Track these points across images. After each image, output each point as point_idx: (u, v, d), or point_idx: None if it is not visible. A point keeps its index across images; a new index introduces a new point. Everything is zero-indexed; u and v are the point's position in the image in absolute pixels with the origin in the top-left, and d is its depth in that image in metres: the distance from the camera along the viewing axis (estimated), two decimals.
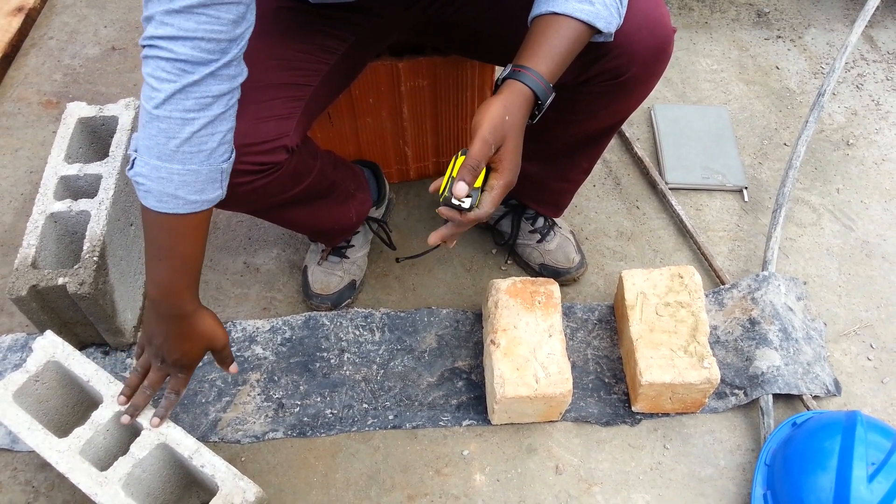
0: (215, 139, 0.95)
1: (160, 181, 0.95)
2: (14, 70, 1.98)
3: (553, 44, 0.97)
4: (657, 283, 1.39)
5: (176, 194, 0.96)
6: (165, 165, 0.94)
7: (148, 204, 0.97)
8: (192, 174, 0.95)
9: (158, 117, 0.92)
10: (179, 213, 0.97)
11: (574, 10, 0.96)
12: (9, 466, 1.33)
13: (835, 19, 2.10)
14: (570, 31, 0.97)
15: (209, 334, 1.11)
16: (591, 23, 0.97)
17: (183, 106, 0.91)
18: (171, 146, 0.93)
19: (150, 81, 0.91)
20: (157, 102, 0.91)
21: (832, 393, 1.39)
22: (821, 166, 1.77)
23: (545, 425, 1.37)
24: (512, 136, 0.96)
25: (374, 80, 1.44)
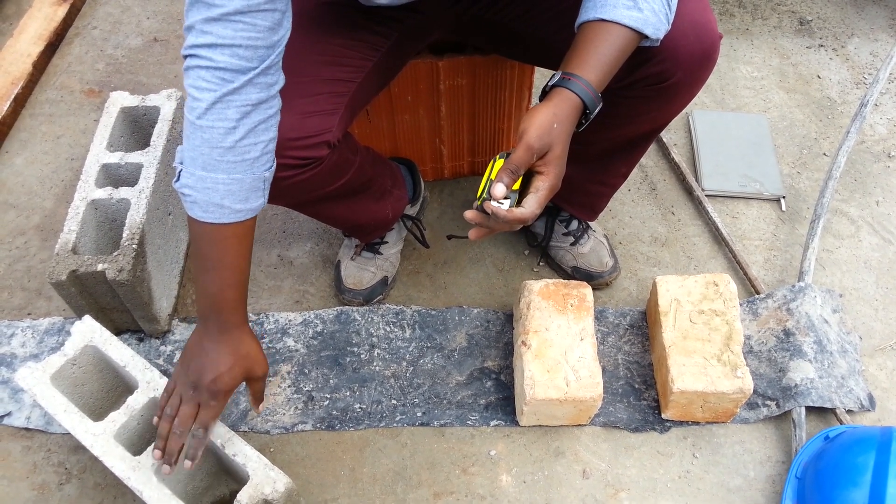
0: (258, 148, 0.96)
1: (206, 191, 0.96)
2: (58, 58, 2.02)
3: (602, 51, 0.96)
4: (692, 291, 1.38)
5: (222, 204, 0.97)
6: (210, 175, 0.95)
7: (194, 215, 0.98)
8: (237, 183, 0.97)
9: (201, 127, 0.93)
10: (225, 223, 0.98)
11: (623, 17, 0.95)
12: (43, 447, 1.35)
13: (879, 29, 2.07)
14: (618, 39, 0.96)
15: (252, 358, 1.08)
16: (639, 29, 0.96)
17: (224, 115, 0.92)
18: (214, 156, 0.94)
19: (192, 92, 0.92)
20: (199, 113, 0.92)
21: (866, 408, 1.37)
22: (860, 178, 1.74)
23: (573, 429, 1.37)
24: (559, 143, 0.96)
25: (413, 77, 1.44)
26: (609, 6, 0.96)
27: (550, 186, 0.98)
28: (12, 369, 1.43)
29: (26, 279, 1.57)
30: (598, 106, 0.98)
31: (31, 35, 2.00)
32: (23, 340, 1.47)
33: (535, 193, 0.97)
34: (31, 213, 1.69)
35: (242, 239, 1.02)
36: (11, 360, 1.44)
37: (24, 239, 1.64)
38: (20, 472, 1.33)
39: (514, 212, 0.96)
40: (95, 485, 1.31)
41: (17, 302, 1.54)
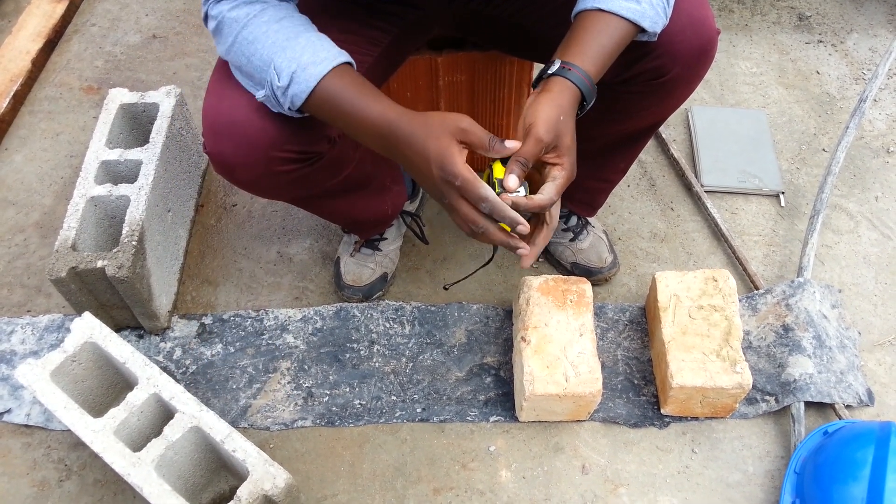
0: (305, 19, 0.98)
1: (303, 53, 0.93)
2: (57, 55, 2.02)
3: (599, 42, 0.96)
4: (691, 286, 1.38)
5: (321, 47, 0.95)
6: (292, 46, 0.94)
7: (312, 82, 0.93)
8: (316, 35, 0.97)
9: (245, 39, 0.95)
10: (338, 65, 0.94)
11: (621, 9, 0.95)
12: (43, 444, 1.35)
13: (878, 24, 2.07)
14: (616, 30, 0.97)
15: (439, 118, 0.92)
16: (637, 22, 0.96)
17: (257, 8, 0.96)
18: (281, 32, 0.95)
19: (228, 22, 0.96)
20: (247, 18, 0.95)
21: (865, 403, 1.38)
22: (860, 173, 1.74)
23: (573, 424, 1.37)
24: (567, 133, 0.95)
25: (412, 73, 1.44)
26: None
27: (567, 175, 0.96)
28: (12, 366, 1.43)
29: (26, 276, 1.58)
30: (593, 98, 0.98)
31: (30, 32, 2.00)
32: (22, 337, 1.47)
33: (553, 181, 0.95)
34: (31, 210, 1.69)
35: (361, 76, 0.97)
36: (11, 357, 1.44)
37: (23, 236, 1.64)
38: (20, 469, 1.33)
39: (533, 199, 0.94)
40: (95, 481, 1.31)
41: (16, 299, 1.54)
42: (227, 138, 1.03)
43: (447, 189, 0.93)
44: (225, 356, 1.45)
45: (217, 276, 1.58)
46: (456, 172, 0.90)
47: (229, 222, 1.67)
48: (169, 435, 1.14)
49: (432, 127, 0.92)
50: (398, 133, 0.93)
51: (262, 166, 1.05)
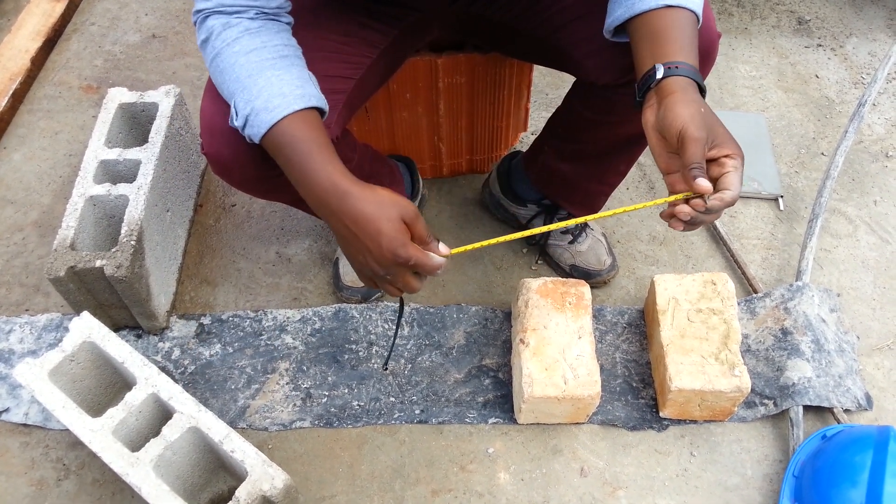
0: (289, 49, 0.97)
1: (261, 92, 0.92)
2: (56, 54, 2.01)
3: (685, 34, 0.96)
4: (689, 289, 1.38)
5: (283, 92, 0.92)
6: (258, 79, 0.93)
7: (262, 127, 0.92)
8: (286, 71, 0.95)
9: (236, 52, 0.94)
10: (295, 111, 0.92)
11: (687, 2, 0.96)
12: (41, 444, 1.35)
13: (877, 29, 2.08)
14: (690, 22, 0.97)
15: (395, 202, 0.93)
16: (697, 13, 0.97)
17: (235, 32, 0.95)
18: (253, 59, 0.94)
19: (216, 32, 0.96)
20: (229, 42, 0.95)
21: (863, 407, 1.38)
22: (858, 177, 1.75)
23: (571, 427, 1.37)
24: (716, 122, 0.94)
25: (412, 75, 1.44)
26: None
27: (741, 160, 0.94)
28: (10, 365, 1.43)
29: (24, 275, 1.57)
30: (705, 85, 0.97)
31: (29, 31, 1.99)
32: (21, 337, 1.47)
33: (734, 171, 0.93)
34: (29, 209, 1.68)
35: (320, 128, 0.95)
36: (9, 357, 1.44)
37: (21, 235, 1.64)
38: (18, 469, 1.32)
39: (724, 197, 0.92)
40: (94, 481, 1.31)
41: (14, 298, 1.54)
42: (223, 139, 1.03)
43: (394, 267, 0.93)
44: (223, 356, 1.45)
45: (216, 276, 1.58)
46: (410, 254, 0.91)
47: (228, 222, 1.67)
48: (167, 435, 1.14)
49: (384, 206, 0.92)
50: (347, 206, 0.92)
51: (258, 168, 1.05)
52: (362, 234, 0.92)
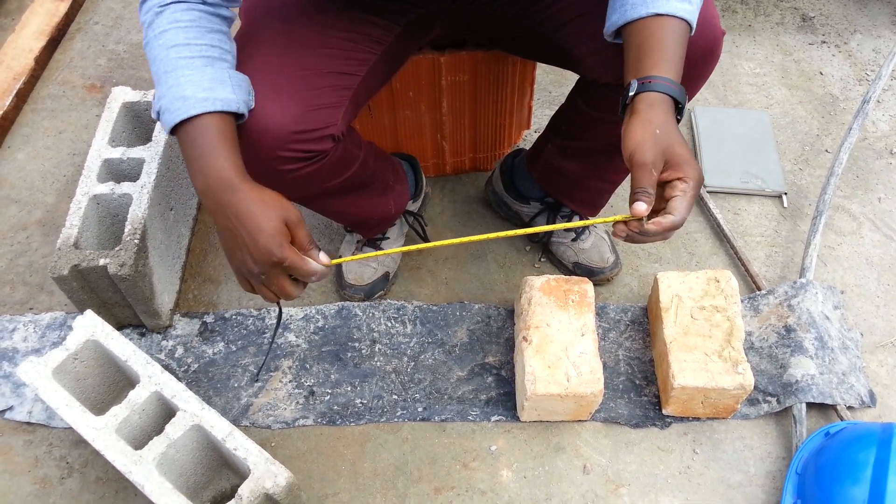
0: (216, 51, 0.97)
1: (170, 90, 0.93)
2: (60, 53, 2.02)
3: (669, 45, 0.95)
4: (693, 287, 1.38)
5: (184, 95, 0.92)
6: (173, 75, 0.93)
7: (167, 125, 0.94)
8: (197, 72, 0.94)
9: (164, 32, 0.95)
10: (197, 115, 0.92)
11: (678, 10, 0.95)
12: (44, 442, 1.36)
13: (882, 26, 2.07)
14: (679, 31, 0.96)
15: (279, 205, 0.94)
16: (690, 21, 0.96)
17: (176, 17, 0.95)
18: (172, 55, 0.94)
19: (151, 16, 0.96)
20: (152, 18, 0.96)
21: (867, 404, 1.37)
22: (863, 174, 1.74)
23: (574, 424, 1.37)
24: (674, 143, 0.93)
25: (414, 73, 1.44)
26: (662, 1, 0.95)
27: (694, 184, 0.93)
28: (14, 364, 1.43)
29: (28, 274, 1.58)
30: (686, 98, 0.96)
31: (33, 30, 2.00)
32: (25, 335, 1.47)
33: (682, 195, 0.92)
34: (33, 208, 1.69)
35: (228, 135, 0.95)
36: (13, 355, 1.45)
37: (25, 234, 1.64)
38: (22, 467, 1.33)
39: (661, 222, 0.93)
40: (97, 479, 1.31)
41: (18, 297, 1.54)
42: None
43: (269, 266, 0.94)
44: (227, 354, 1.45)
45: (219, 274, 1.58)
46: (286, 255, 0.93)
47: None
48: (170, 433, 1.14)
49: (269, 206, 0.93)
50: (233, 200, 0.92)
51: (266, 165, 1.05)
52: (243, 228, 0.92)
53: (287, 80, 1.04)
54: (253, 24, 1.12)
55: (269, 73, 1.04)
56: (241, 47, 1.10)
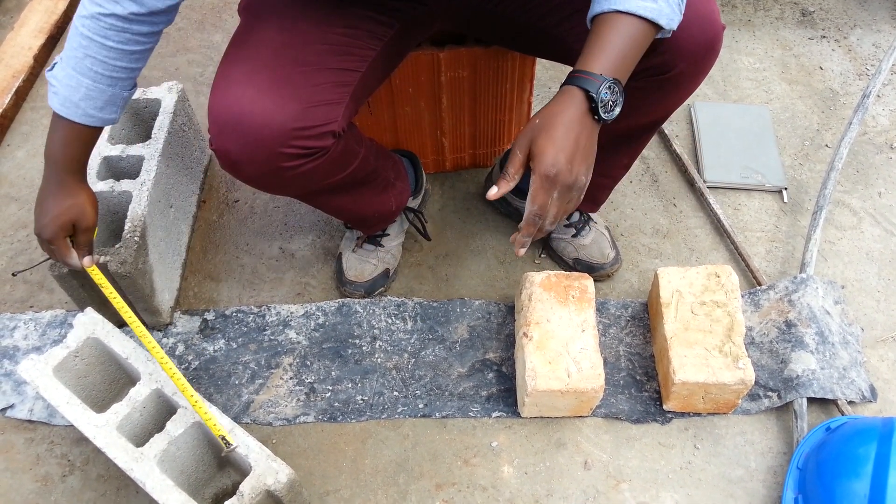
0: (125, 72, 1.07)
1: (69, 88, 1.05)
2: (59, 52, 2.01)
3: (613, 42, 0.94)
4: (693, 282, 1.38)
5: (78, 104, 1.06)
6: (77, 77, 1.04)
7: (53, 105, 1.07)
8: (98, 91, 1.06)
9: (84, 35, 1.02)
10: (76, 122, 1.08)
11: (637, 8, 0.93)
12: (46, 439, 1.36)
13: (881, 20, 2.07)
14: (631, 28, 0.94)
15: (79, 208, 1.14)
16: (654, 20, 0.94)
17: (106, 34, 1.02)
18: (87, 63, 1.04)
19: (84, 1, 1.01)
20: (85, 21, 1.01)
21: (868, 399, 1.37)
22: (863, 169, 1.74)
23: (575, 420, 1.37)
24: (544, 131, 0.94)
25: (414, 69, 1.44)
26: None
27: (538, 177, 0.94)
28: (15, 362, 1.43)
29: (28, 272, 1.58)
30: (612, 95, 0.95)
31: (32, 28, 2.00)
32: (25, 333, 1.47)
33: (531, 186, 0.96)
34: (33, 206, 1.68)
35: (89, 137, 1.12)
36: (14, 353, 1.45)
37: (25, 232, 1.64)
38: (23, 464, 1.33)
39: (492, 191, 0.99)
40: (98, 476, 1.32)
41: (19, 295, 1.54)
42: (233, 135, 1.03)
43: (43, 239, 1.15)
44: (227, 352, 1.45)
45: (219, 271, 1.58)
46: (53, 240, 1.15)
47: (231, 218, 1.67)
48: (171, 430, 1.15)
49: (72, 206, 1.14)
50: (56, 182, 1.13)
51: (268, 162, 1.05)
52: (45, 203, 1.13)
53: (287, 76, 1.04)
54: (251, 20, 1.12)
55: (269, 71, 1.04)
56: (241, 44, 1.10)
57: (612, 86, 0.94)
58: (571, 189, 0.96)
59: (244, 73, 1.04)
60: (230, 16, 2.10)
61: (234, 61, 1.07)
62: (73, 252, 1.17)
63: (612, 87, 0.94)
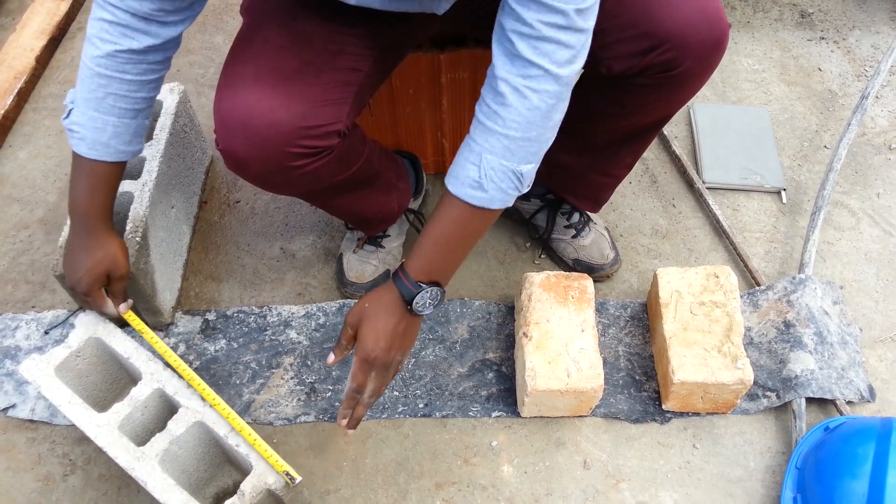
0: (146, 101, 1.10)
1: (96, 130, 1.08)
2: (61, 53, 2.02)
3: (440, 231, 1.03)
4: (692, 282, 1.38)
5: (108, 143, 1.09)
6: (102, 117, 1.07)
7: (80, 151, 1.09)
8: (125, 126, 1.09)
9: (100, 74, 1.04)
10: (107, 161, 1.11)
11: (467, 196, 0.99)
12: (47, 439, 1.36)
13: (880, 21, 2.07)
14: (466, 214, 1.01)
15: (112, 258, 1.16)
16: (484, 207, 1.00)
17: (124, 68, 1.04)
18: (109, 101, 1.06)
19: (94, 40, 1.02)
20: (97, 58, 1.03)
21: (866, 399, 1.38)
22: (861, 170, 1.75)
23: (574, 420, 1.37)
24: (366, 319, 1.05)
25: (414, 70, 1.44)
26: (458, 180, 0.99)
27: (357, 359, 1.06)
28: (17, 361, 1.44)
29: (30, 272, 1.58)
30: (423, 295, 1.04)
31: (34, 29, 2.00)
32: (27, 333, 1.48)
33: (352, 366, 1.07)
34: (35, 207, 1.69)
35: (117, 175, 1.15)
36: (16, 353, 1.45)
37: (27, 232, 1.65)
38: (25, 464, 1.34)
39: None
40: (100, 475, 1.32)
41: (21, 295, 1.55)
42: (240, 135, 1.04)
43: (78, 292, 1.17)
44: (228, 352, 1.46)
45: (220, 272, 1.59)
46: (89, 293, 1.17)
47: (232, 219, 1.68)
48: (173, 430, 1.15)
49: (104, 258, 1.16)
50: (86, 234, 1.15)
51: (274, 162, 1.05)
52: (78, 255, 1.15)
53: (292, 76, 1.04)
54: (254, 21, 1.13)
55: (274, 71, 1.04)
56: (244, 45, 1.10)
57: (430, 292, 1.04)
58: (388, 369, 1.07)
59: (249, 72, 1.05)
60: (231, 17, 2.11)
61: (239, 61, 1.08)
62: (108, 301, 1.20)
63: (430, 293, 1.04)
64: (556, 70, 0.93)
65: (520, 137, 0.96)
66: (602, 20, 1.10)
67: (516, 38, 0.92)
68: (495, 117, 0.96)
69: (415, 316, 1.07)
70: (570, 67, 0.94)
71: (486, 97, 0.97)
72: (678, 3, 1.06)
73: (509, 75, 0.94)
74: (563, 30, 0.90)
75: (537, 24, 0.90)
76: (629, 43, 1.09)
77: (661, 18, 1.06)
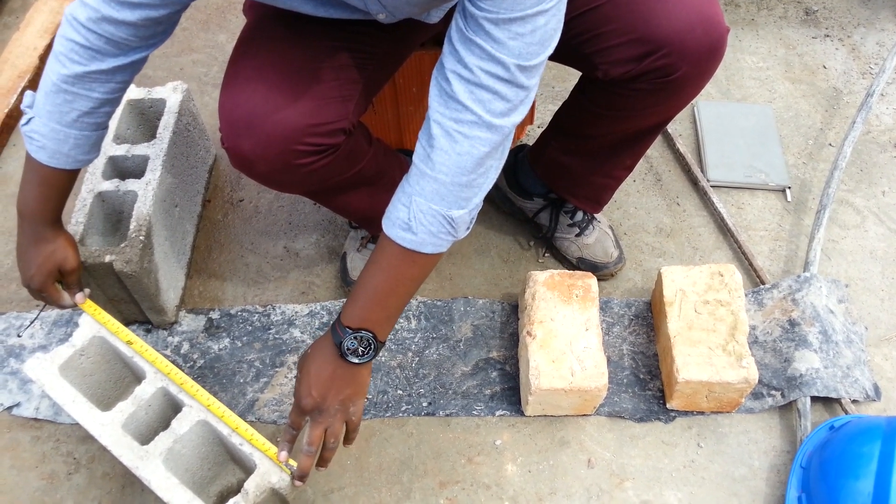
0: (108, 116, 1.11)
1: (57, 142, 1.07)
2: None
3: (376, 275, 1.01)
4: (697, 281, 1.38)
5: (69, 154, 1.09)
6: (65, 130, 1.06)
7: (40, 158, 1.08)
8: (86, 138, 1.09)
9: (66, 91, 1.03)
10: (66, 169, 1.11)
11: (397, 238, 0.98)
12: (52, 438, 1.36)
13: (885, 19, 2.06)
14: (400, 255, 0.99)
15: (61, 254, 1.17)
16: (415, 250, 0.98)
17: (90, 87, 1.04)
18: (73, 115, 1.06)
19: (62, 59, 1.01)
20: (66, 78, 1.02)
21: (871, 398, 1.37)
22: (866, 168, 1.74)
23: (578, 419, 1.37)
24: (304, 365, 1.05)
25: (418, 69, 1.44)
26: (390, 220, 0.98)
27: (293, 404, 1.06)
28: (21, 360, 1.44)
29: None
30: (353, 342, 1.01)
31: (38, 28, 2.00)
32: (31, 332, 1.48)
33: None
34: None
35: (72, 180, 1.15)
36: (20, 352, 1.45)
37: None
38: (29, 462, 1.34)
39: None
40: (104, 474, 1.32)
41: (25, 294, 1.54)
42: (246, 133, 1.04)
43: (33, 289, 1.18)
44: (232, 350, 1.46)
45: (224, 270, 1.59)
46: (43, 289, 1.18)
47: (236, 217, 1.68)
48: (177, 428, 1.15)
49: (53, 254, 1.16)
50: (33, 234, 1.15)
51: (280, 160, 1.05)
52: (27, 255, 1.16)
53: (297, 73, 1.04)
54: (258, 19, 1.13)
55: (278, 69, 1.04)
56: (249, 43, 1.10)
57: (358, 337, 1.01)
58: (324, 415, 1.03)
59: (254, 70, 1.05)
60: (235, 16, 2.11)
61: (244, 59, 1.07)
62: (64, 294, 1.21)
63: (358, 339, 1.01)
64: (490, 119, 0.90)
65: (449, 182, 0.94)
66: (598, 24, 1.10)
67: (455, 79, 0.89)
68: (427, 160, 0.94)
69: (350, 363, 1.02)
70: (506, 119, 0.92)
71: (421, 138, 0.95)
72: (675, 8, 1.06)
73: (442, 118, 0.91)
74: (502, 82, 0.88)
75: (477, 70, 0.87)
76: (626, 48, 1.09)
77: (657, 23, 1.06)
